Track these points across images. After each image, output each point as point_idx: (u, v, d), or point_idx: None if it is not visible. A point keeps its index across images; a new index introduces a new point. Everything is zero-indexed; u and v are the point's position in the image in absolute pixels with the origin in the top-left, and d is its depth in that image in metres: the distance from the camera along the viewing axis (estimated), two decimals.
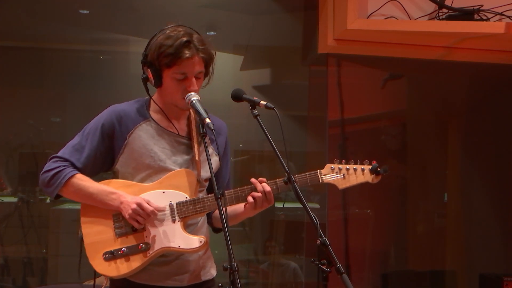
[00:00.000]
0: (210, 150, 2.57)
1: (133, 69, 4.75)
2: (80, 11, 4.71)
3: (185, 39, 2.41)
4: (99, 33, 4.84)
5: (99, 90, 4.76)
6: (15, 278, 4.65)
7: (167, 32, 2.46)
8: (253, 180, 2.47)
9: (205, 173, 2.54)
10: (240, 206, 2.52)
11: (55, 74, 4.76)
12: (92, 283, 2.55)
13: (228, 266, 2.11)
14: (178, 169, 2.49)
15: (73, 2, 4.68)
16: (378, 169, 2.42)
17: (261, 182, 2.46)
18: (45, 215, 4.68)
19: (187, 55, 2.40)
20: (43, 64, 4.75)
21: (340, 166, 2.46)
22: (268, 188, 2.44)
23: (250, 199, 2.45)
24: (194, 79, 2.44)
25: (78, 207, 2.53)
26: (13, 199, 4.66)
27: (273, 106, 2.38)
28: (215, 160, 2.57)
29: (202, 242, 2.44)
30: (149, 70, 2.49)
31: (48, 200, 4.69)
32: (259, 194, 2.44)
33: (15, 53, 4.76)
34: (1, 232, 4.65)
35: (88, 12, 4.73)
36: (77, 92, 4.80)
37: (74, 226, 4.57)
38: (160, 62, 2.45)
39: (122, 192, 2.45)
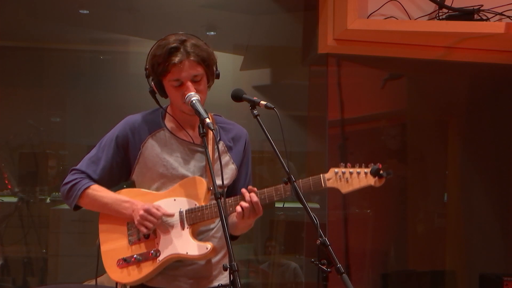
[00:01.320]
0: (227, 158, 2.58)
1: (133, 69, 4.77)
2: (80, 11, 4.71)
3: (172, 45, 2.41)
4: (99, 33, 4.84)
5: (99, 90, 4.76)
6: (15, 278, 4.65)
7: (159, 42, 2.47)
8: (243, 190, 2.46)
9: (219, 181, 2.49)
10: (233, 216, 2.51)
11: (55, 74, 4.76)
12: (92, 282, 2.57)
13: (228, 266, 2.11)
14: (189, 177, 2.51)
15: (73, 2, 4.68)
16: (381, 172, 2.40)
17: (251, 192, 2.44)
18: (45, 215, 4.68)
19: (175, 61, 2.40)
20: (43, 64, 4.75)
21: (343, 170, 2.42)
22: (255, 199, 2.42)
23: (238, 208, 2.43)
24: (190, 84, 2.43)
25: None
26: (13, 199, 4.66)
27: (273, 106, 2.37)
28: (231, 168, 2.58)
29: (209, 249, 2.45)
30: (152, 82, 2.51)
31: (48, 200, 4.70)
32: (247, 205, 2.42)
33: (15, 53, 4.76)
34: (1, 232, 4.65)
35: (88, 12, 4.73)
36: (77, 92, 4.80)
37: (74, 226, 4.59)
38: (156, 73, 2.46)
39: (135, 200, 2.49)
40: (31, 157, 4.73)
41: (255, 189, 2.46)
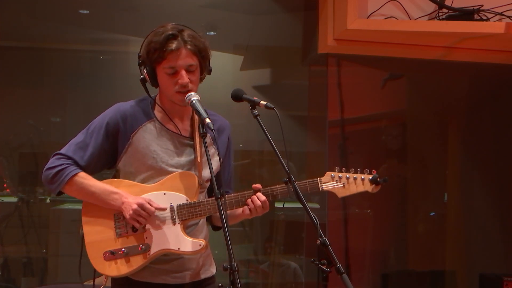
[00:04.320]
0: (212, 150, 2.57)
1: (133, 69, 4.73)
2: (80, 11, 4.70)
3: (170, 32, 2.43)
4: (99, 33, 4.84)
5: (99, 90, 4.76)
6: (15, 278, 4.65)
7: (156, 29, 2.49)
8: (252, 198, 2.49)
9: (206, 174, 2.54)
10: (239, 209, 2.54)
11: (55, 74, 4.75)
12: (92, 283, 2.56)
13: (228, 266, 2.11)
14: (180, 171, 2.50)
15: (73, 2, 4.68)
16: (378, 179, 2.42)
17: (256, 189, 2.48)
18: (45, 215, 4.68)
19: (172, 48, 2.41)
20: (43, 64, 4.75)
21: (340, 174, 2.45)
22: (263, 198, 2.47)
23: (246, 210, 2.49)
24: (184, 72, 2.44)
25: (79, 207, 2.54)
26: (13, 199, 4.66)
27: (273, 106, 2.38)
28: (216, 160, 2.57)
29: (202, 246, 2.46)
30: (144, 70, 2.51)
31: (48, 200, 4.70)
32: (259, 203, 2.46)
33: (15, 53, 4.76)
34: (1, 232, 4.65)
35: (88, 12, 4.72)
36: (77, 92, 4.80)
37: (74, 226, 4.58)
38: (150, 60, 2.47)
39: (124, 192, 2.46)
40: (31, 157, 4.72)
41: (259, 185, 2.49)
